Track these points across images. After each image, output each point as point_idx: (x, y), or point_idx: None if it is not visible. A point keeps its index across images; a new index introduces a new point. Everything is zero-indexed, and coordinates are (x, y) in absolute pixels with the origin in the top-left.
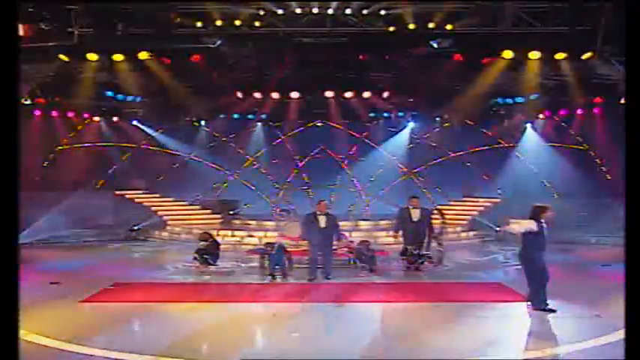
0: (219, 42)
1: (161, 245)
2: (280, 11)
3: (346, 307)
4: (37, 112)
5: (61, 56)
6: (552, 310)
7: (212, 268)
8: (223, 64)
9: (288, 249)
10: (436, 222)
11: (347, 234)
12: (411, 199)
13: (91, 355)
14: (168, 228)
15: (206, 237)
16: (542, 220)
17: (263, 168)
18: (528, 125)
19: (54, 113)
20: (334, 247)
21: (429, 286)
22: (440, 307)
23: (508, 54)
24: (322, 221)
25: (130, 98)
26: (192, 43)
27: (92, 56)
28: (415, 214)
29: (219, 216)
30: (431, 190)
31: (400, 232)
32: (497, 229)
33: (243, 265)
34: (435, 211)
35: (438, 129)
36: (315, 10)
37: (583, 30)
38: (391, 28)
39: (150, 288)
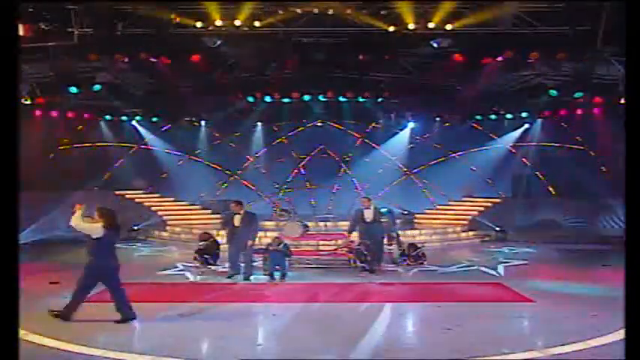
0: (219, 42)
1: (161, 245)
2: (280, 11)
3: (346, 307)
4: (37, 112)
5: (61, 56)
6: (132, 318)
7: (212, 268)
8: (223, 64)
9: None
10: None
11: (347, 234)
12: (361, 199)
13: (91, 355)
14: (168, 228)
15: (206, 237)
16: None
17: (263, 168)
18: (527, 125)
19: (54, 113)
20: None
21: (430, 286)
22: (440, 307)
23: (508, 54)
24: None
25: (129, 98)
26: (192, 43)
27: (92, 56)
28: (368, 215)
29: (219, 216)
30: (431, 190)
31: (355, 233)
32: None
33: (243, 264)
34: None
35: (437, 129)
36: (315, 10)
37: (583, 30)
38: (391, 28)
39: (150, 288)
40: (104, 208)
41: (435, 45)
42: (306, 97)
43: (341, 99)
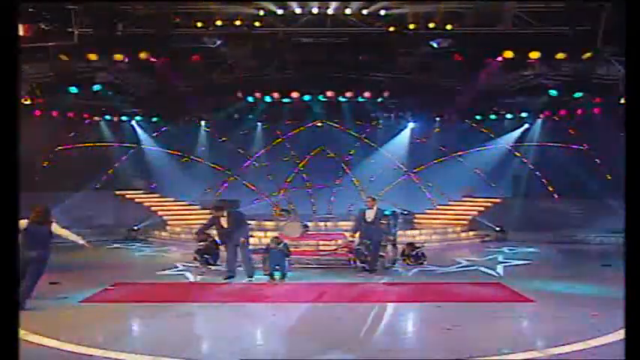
0: (219, 42)
1: (161, 245)
2: (280, 11)
3: (346, 307)
4: (37, 112)
5: (61, 56)
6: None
7: (212, 268)
8: (223, 64)
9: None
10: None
11: (347, 234)
12: (367, 199)
13: (91, 355)
14: (168, 228)
15: (204, 237)
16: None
17: (263, 168)
18: (527, 125)
19: (54, 113)
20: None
21: (430, 286)
22: (440, 307)
23: (508, 54)
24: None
25: (129, 98)
26: (192, 43)
27: (92, 56)
28: (369, 215)
29: None
30: (431, 190)
31: (358, 233)
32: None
33: (242, 264)
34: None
35: (437, 129)
36: (315, 10)
37: (583, 30)
38: (391, 28)
39: (150, 288)
40: (36, 204)
41: (435, 45)
42: (306, 97)
43: (341, 99)
